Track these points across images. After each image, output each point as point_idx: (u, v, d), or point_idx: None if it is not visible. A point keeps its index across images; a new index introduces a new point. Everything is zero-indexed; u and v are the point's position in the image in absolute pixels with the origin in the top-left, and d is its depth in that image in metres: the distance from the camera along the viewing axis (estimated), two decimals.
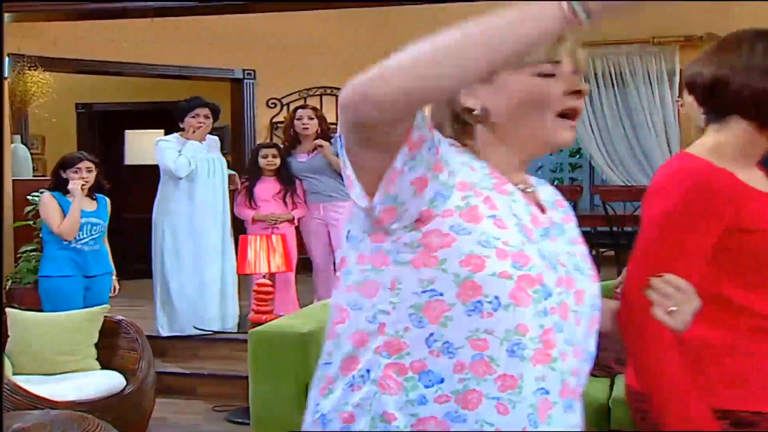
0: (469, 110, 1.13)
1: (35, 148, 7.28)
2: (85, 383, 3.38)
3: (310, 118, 4.85)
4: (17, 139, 5.92)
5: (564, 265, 1.10)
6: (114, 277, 4.15)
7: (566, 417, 1.09)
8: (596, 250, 5.36)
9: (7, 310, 3.69)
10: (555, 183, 10.29)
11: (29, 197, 4.95)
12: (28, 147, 6.09)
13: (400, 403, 1.02)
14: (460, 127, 1.15)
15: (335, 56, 7.60)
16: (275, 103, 7.50)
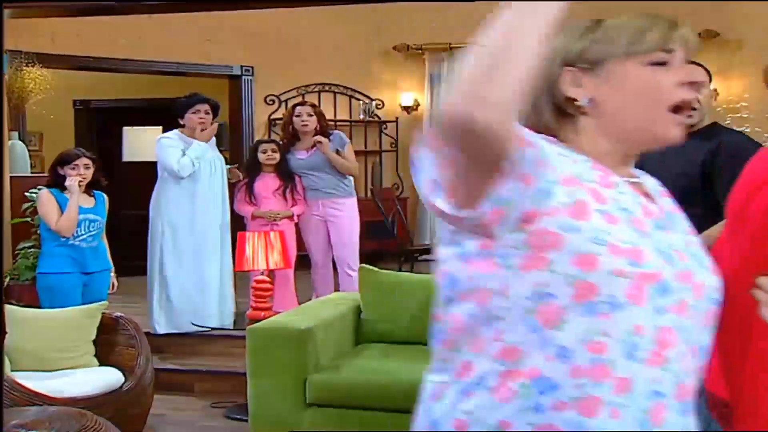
0: (573, 101, 1.08)
1: (33, 145, 7.27)
2: (84, 380, 3.37)
3: (309, 115, 4.84)
4: (15, 135, 5.91)
5: (682, 257, 1.04)
6: (112, 273, 4.15)
7: (682, 419, 1.03)
8: None
9: (6, 306, 3.68)
10: None
11: (27, 194, 4.94)
12: (25, 143, 6.08)
13: (515, 411, 0.99)
14: (561, 119, 1.10)
15: (333, 53, 7.60)
16: (273, 100, 7.50)
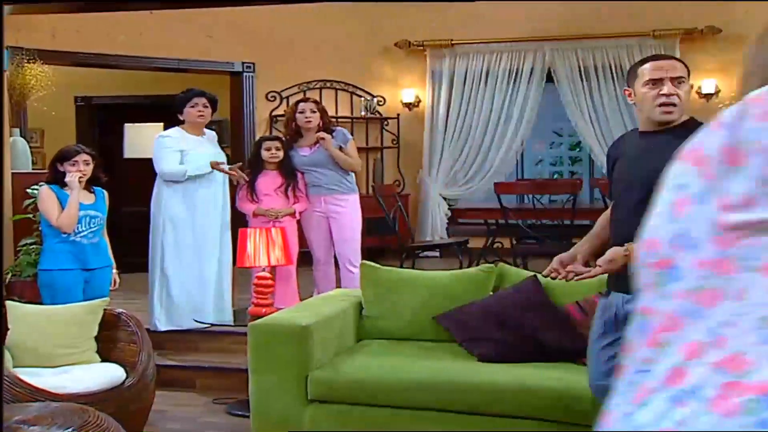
0: None
1: (34, 141, 7.27)
2: (86, 376, 3.38)
3: (313, 112, 4.83)
4: (16, 132, 5.91)
5: None
6: (114, 270, 4.14)
7: None
8: None
9: (8, 303, 3.68)
10: (555, 176, 10.29)
11: (28, 190, 4.94)
12: (27, 140, 6.08)
13: (737, 427, 0.88)
14: None
15: (334, 49, 7.60)
16: (275, 97, 7.50)
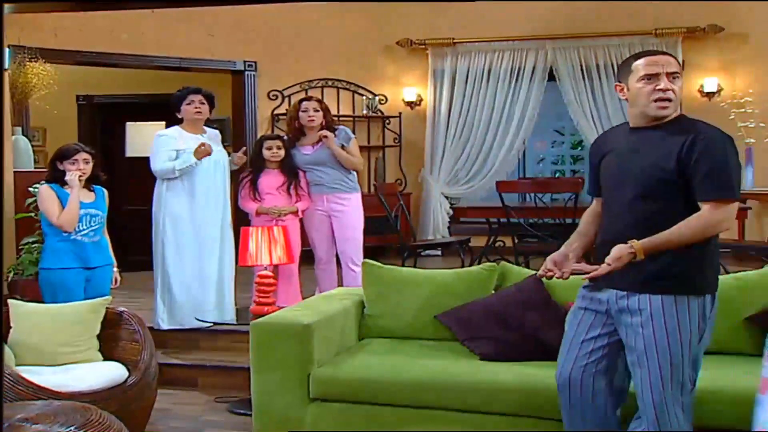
0: None
1: (36, 140, 7.28)
2: (88, 374, 3.38)
3: (316, 111, 4.82)
4: (18, 130, 5.91)
5: None
6: (115, 268, 4.13)
7: None
8: None
9: (10, 301, 3.68)
10: (557, 175, 10.27)
11: (30, 189, 4.94)
12: (29, 139, 6.08)
13: None
14: None
15: (336, 48, 7.60)
16: (276, 95, 7.50)
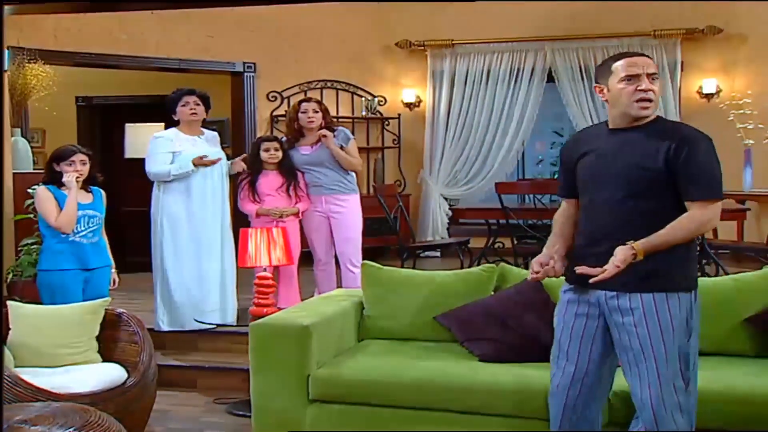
0: None
1: (35, 141, 7.28)
2: (87, 376, 3.37)
3: (315, 112, 4.82)
4: (17, 132, 5.91)
5: None
6: (113, 269, 4.13)
7: None
8: None
9: (9, 303, 3.68)
10: (555, 176, 10.27)
11: (30, 190, 4.94)
12: (28, 140, 6.08)
13: None
14: None
15: (335, 49, 7.60)
16: (275, 97, 7.50)
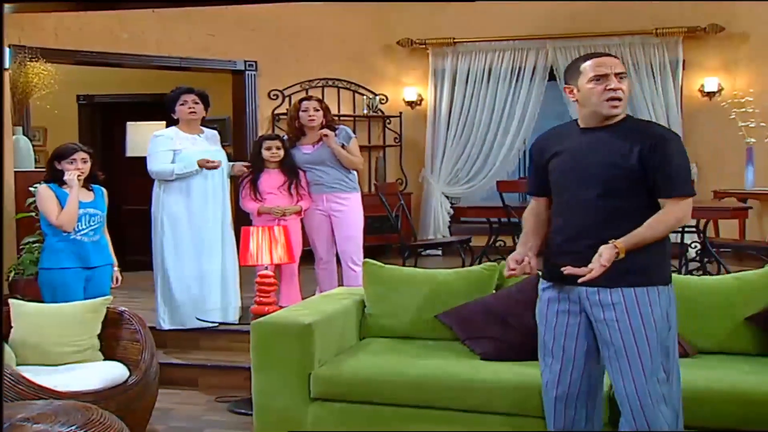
0: None
1: (37, 140, 7.28)
2: (89, 374, 3.38)
3: (316, 110, 4.82)
4: (19, 130, 5.91)
5: None
6: (116, 268, 4.13)
7: None
8: None
9: (11, 301, 3.68)
10: None
11: (31, 189, 4.94)
12: (29, 138, 6.08)
13: None
14: None
15: (337, 48, 7.59)
16: (277, 95, 7.50)
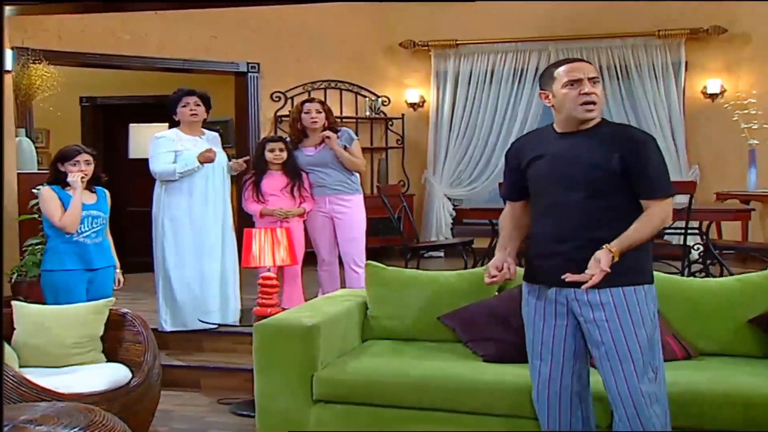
0: None
1: (40, 142, 7.30)
2: (92, 376, 3.38)
3: (318, 112, 4.83)
4: (22, 132, 5.92)
5: None
6: (118, 269, 4.14)
7: None
8: None
9: (14, 303, 3.69)
10: None
11: (34, 190, 4.95)
12: (32, 140, 6.09)
13: None
14: None
15: (339, 50, 7.60)
16: (279, 97, 7.50)
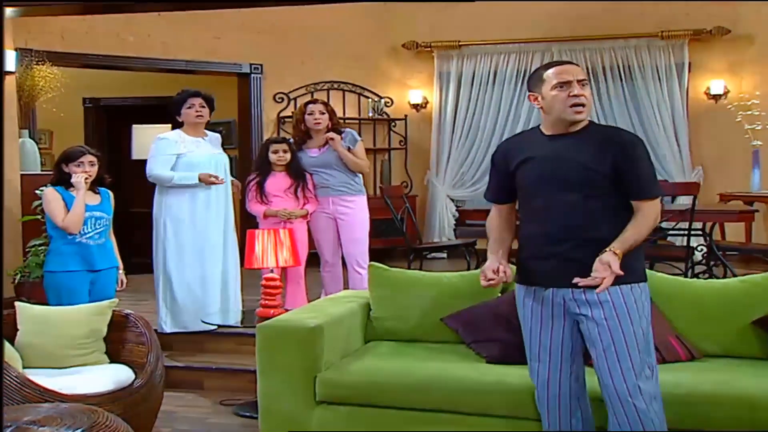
0: None
1: (43, 143, 7.31)
2: (95, 377, 3.37)
3: (322, 113, 4.82)
4: (25, 133, 5.94)
5: None
6: (121, 270, 4.14)
7: None
8: None
9: (17, 304, 3.69)
10: None
11: (37, 191, 4.96)
12: (35, 141, 6.11)
13: None
14: None
15: (342, 51, 7.60)
16: (282, 98, 7.51)
